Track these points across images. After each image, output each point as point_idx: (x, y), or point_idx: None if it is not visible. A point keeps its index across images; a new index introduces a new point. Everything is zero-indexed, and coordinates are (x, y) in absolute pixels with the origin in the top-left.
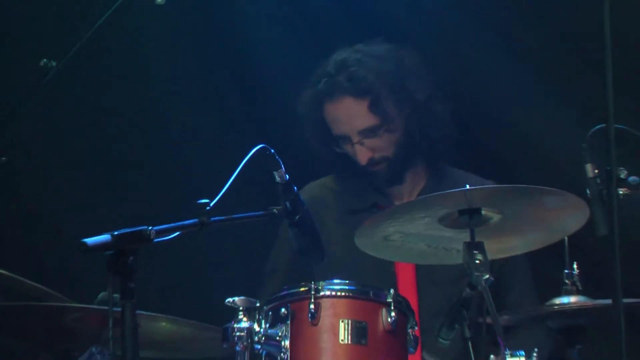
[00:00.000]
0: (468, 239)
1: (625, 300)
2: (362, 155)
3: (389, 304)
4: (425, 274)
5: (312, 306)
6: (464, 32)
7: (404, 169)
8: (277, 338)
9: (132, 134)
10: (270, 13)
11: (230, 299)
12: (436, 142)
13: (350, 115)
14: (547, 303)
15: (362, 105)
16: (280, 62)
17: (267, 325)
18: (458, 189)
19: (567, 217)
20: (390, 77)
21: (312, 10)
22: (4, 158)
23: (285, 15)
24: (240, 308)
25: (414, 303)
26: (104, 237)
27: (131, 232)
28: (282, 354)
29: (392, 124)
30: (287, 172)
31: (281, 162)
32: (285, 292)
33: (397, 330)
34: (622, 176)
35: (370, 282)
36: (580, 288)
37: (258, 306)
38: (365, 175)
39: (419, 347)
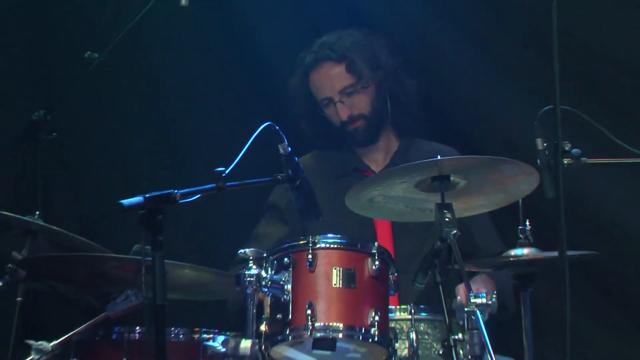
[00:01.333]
0: (439, 201)
1: (569, 252)
2: (343, 112)
3: (373, 255)
4: (400, 223)
5: (310, 256)
6: (430, 25)
7: (378, 129)
8: (281, 282)
9: (161, 113)
10: (275, 10)
11: (242, 250)
12: (405, 108)
13: (331, 77)
14: (505, 254)
15: (340, 67)
16: (283, 57)
17: (273, 272)
18: (431, 159)
19: (521, 182)
20: (364, 49)
21: (309, 10)
22: (54, 134)
23: (286, 11)
24: (251, 258)
25: (390, 251)
26: (138, 199)
27: (160, 195)
28: (285, 296)
29: (367, 83)
30: (289, 144)
31: (284, 137)
32: (287, 245)
33: (380, 276)
34: (567, 148)
35: (354, 235)
36: (532, 241)
37: (265, 256)
38: (345, 137)
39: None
